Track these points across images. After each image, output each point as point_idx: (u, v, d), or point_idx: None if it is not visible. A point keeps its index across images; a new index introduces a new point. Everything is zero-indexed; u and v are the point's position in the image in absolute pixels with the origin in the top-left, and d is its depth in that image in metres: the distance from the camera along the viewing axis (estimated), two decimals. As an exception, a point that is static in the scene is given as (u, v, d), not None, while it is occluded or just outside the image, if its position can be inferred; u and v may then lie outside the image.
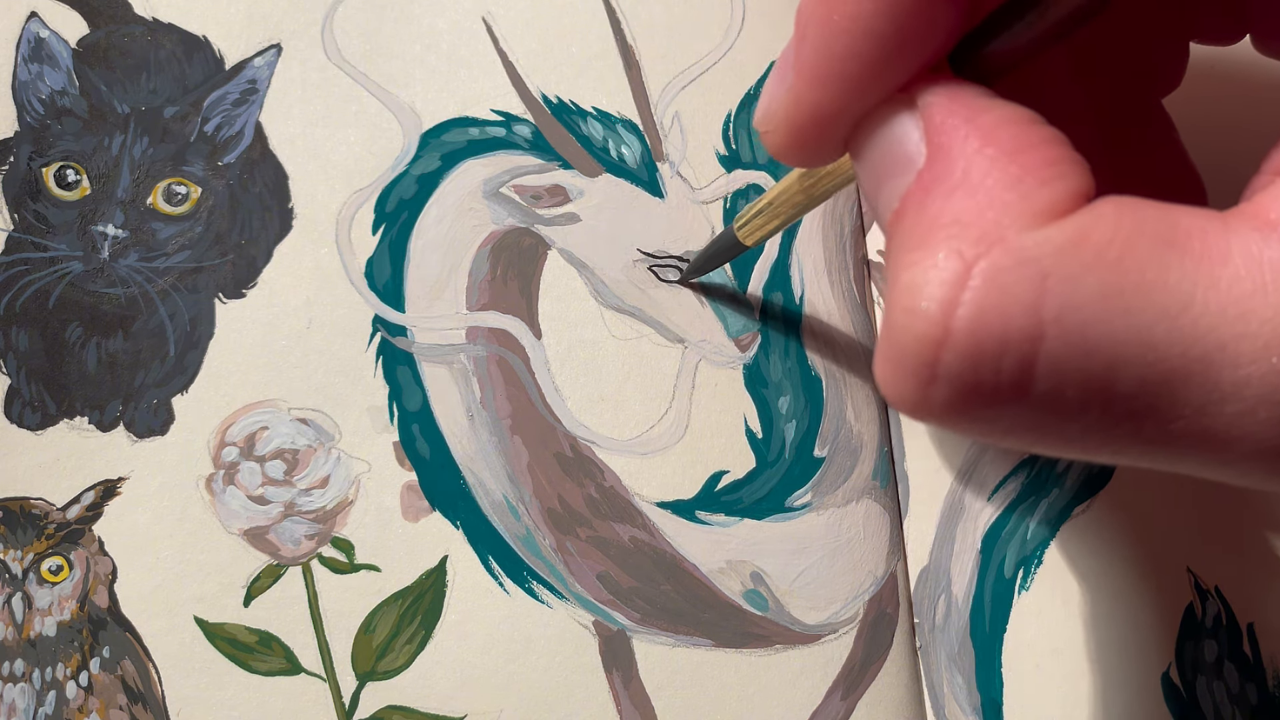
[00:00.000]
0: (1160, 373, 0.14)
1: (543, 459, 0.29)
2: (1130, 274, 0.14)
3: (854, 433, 0.30)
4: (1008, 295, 0.14)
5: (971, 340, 0.14)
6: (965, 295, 0.14)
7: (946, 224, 0.15)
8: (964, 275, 0.14)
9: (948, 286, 0.14)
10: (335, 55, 0.32)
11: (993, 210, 0.14)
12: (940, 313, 0.14)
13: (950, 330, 0.14)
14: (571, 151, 0.31)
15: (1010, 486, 0.30)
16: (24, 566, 0.29)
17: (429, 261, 0.31)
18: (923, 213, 0.15)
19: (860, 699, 0.28)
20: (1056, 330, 0.14)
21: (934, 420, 0.15)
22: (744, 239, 0.27)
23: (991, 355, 0.14)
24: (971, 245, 0.14)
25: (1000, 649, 0.29)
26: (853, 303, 0.31)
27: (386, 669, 0.28)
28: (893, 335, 0.15)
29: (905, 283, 0.15)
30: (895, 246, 0.15)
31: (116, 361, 0.30)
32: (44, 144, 0.31)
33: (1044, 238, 0.14)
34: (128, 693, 0.28)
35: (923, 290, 0.14)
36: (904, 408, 0.15)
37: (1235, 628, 0.28)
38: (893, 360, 0.15)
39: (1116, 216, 0.14)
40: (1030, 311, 0.14)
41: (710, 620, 0.29)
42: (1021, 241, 0.14)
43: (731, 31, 0.33)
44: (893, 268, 0.15)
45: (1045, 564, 0.29)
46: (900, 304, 0.15)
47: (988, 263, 0.14)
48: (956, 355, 0.14)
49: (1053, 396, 0.14)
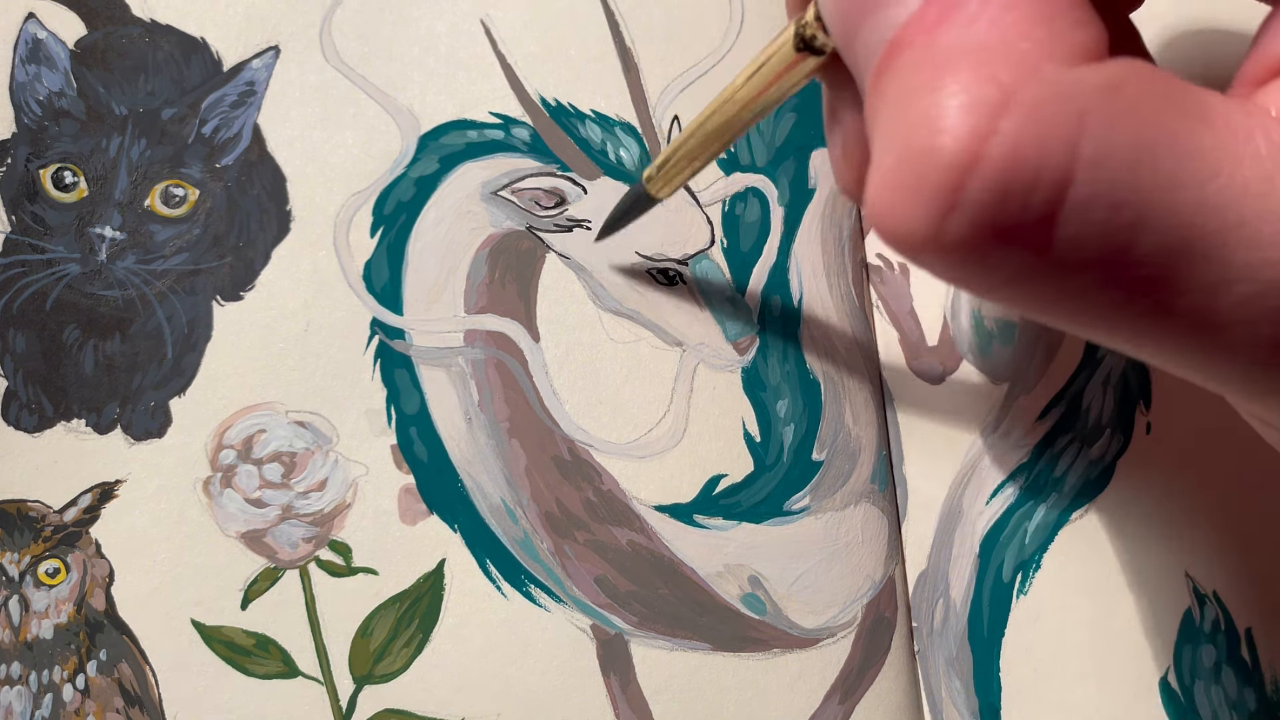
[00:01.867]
0: (1180, 241, 0.14)
1: (541, 462, 0.29)
2: (1164, 132, 0.14)
3: (852, 436, 0.30)
4: (1047, 128, 0.13)
5: (1004, 170, 0.13)
6: (1003, 123, 0.13)
7: (974, 51, 0.14)
8: (1003, 102, 0.13)
9: (983, 111, 0.13)
10: (333, 57, 0.32)
11: (1026, 43, 0.14)
12: (973, 138, 0.13)
13: (981, 157, 0.13)
14: (570, 154, 0.31)
15: (1008, 491, 0.30)
16: (21, 569, 0.29)
17: (427, 264, 0.31)
18: (938, 43, 0.14)
19: (858, 703, 0.28)
20: (1088, 175, 0.13)
21: (938, 257, 0.14)
22: (655, 192, 0.26)
23: (1021, 189, 0.13)
24: (1009, 72, 0.14)
25: (998, 653, 0.29)
26: (851, 306, 0.31)
27: (384, 672, 0.28)
28: (909, 158, 0.14)
29: (929, 105, 0.14)
30: (900, 77, 0.15)
31: (114, 364, 0.30)
32: (41, 145, 0.31)
33: (1082, 76, 0.14)
34: (125, 696, 0.28)
35: (954, 113, 0.14)
36: (907, 240, 0.14)
37: (1234, 632, 0.28)
38: (904, 187, 0.14)
39: (1150, 74, 0.14)
40: (1067, 149, 0.13)
41: (708, 624, 0.29)
42: (1061, 76, 0.14)
43: (730, 34, 0.33)
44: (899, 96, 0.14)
45: (1043, 568, 0.29)
46: (923, 126, 0.14)
47: (1029, 91, 0.13)
48: (984, 184, 0.13)
49: (1070, 245, 0.14)
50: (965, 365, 0.31)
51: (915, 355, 0.31)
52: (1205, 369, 0.15)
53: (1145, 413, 0.30)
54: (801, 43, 0.19)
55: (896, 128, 0.14)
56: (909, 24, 0.15)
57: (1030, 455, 0.30)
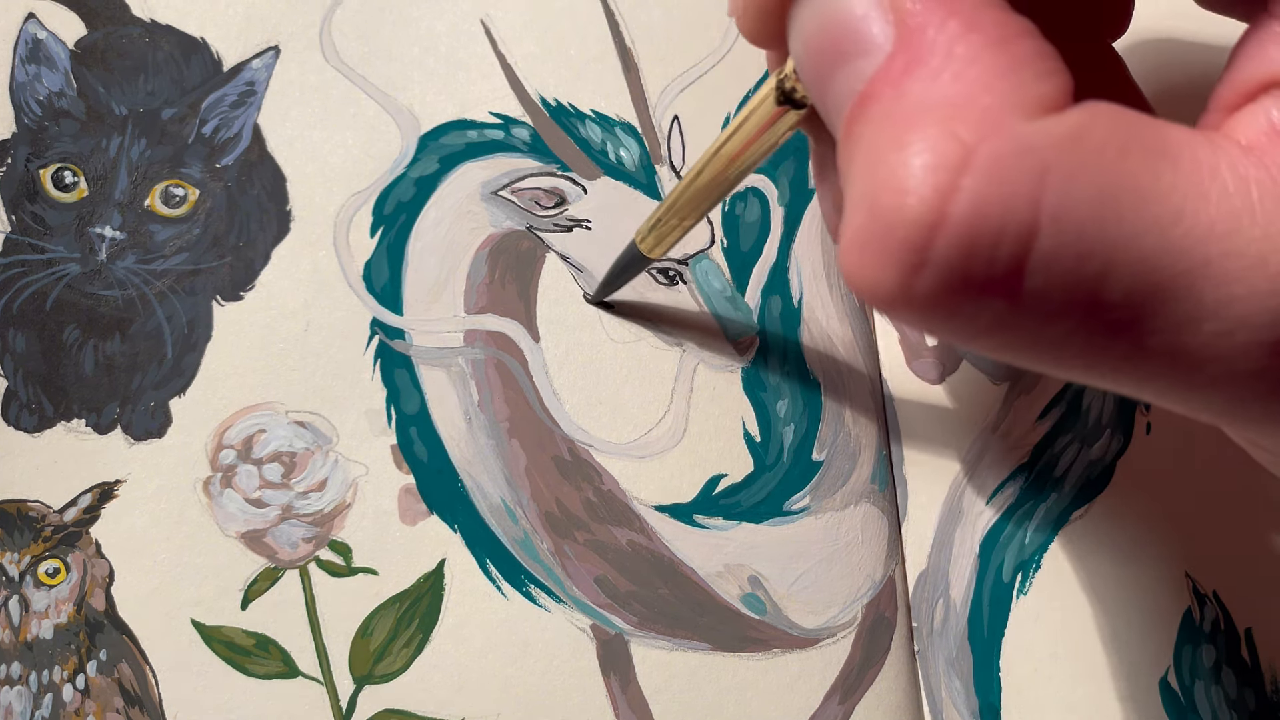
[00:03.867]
0: (1148, 285, 0.14)
1: (541, 462, 0.29)
2: (1126, 178, 0.14)
3: (852, 436, 0.30)
4: (1009, 184, 0.13)
5: (968, 228, 0.14)
6: (965, 180, 0.13)
7: (937, 107, 0.14)
8: (964, 160, 0.14)
9: (945, 171, 0.14)
10: (333, 57, 0.32)
11: (988, 96, 0.14)
12: (936, 197, 0.14)
13: (946, 216, 0.14)
14: (570, 154, 0.31)
15: (1008, 490, 0.30)
16: (21, 569, 0.29)
17: (427, 264, 0.31)
18: (903, 96, 0.14)
19: (858, 703, 0.28)
20: (1053, 228, 0.13)
21: (910, 312, 0.14)
22: (648, 251, 0.26)
23: (986, 245, 0.14)
24: (970, 129, 0.14)
25: (998, 653, 0.29)
26: (851, 306, 0.31)
27: (384, 672, 0.28)
28: (877, 218, 0.14)
29: (895, 164, 0.14)
30: (868, 131, 0.15)
31: (114, 364, 0.30)
32: (41, 145, 0.31)
33: (1043, 129, 0.14)
34: (125, 696, 0.28)
35: (918, 173, 0.14)
36: (879, 296, 0.15)
37: (1234, 632, 0.28)
38: (873, 245, 0.14)
39: (1112, 118, 0.14)
40: (1030, 204, 0.13)
41: (708, 624, 0.29)
42: (1022, 130, 0.14)
43: (730, 34, 0.33)
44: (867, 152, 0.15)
45: (1044, 568, 0.29)
46: (889, 185, 0.14)
47: (989, 148, 0.14)
48: (950, 242, 0.14)
49: (1039, 296, 0.14)
50: (965, 365, 0.31)
51: (915, 355, 0.31)
52: (1187, 403, 0.15)
53: (1145, 413, 0.30)
54: (783, 96, 0.19)
55: (865, 186, 0.15)
56: (876, 77, 0.15)
57: (1030, 455, 0.30)
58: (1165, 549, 0.29)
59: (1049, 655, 0.28)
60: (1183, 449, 0.29)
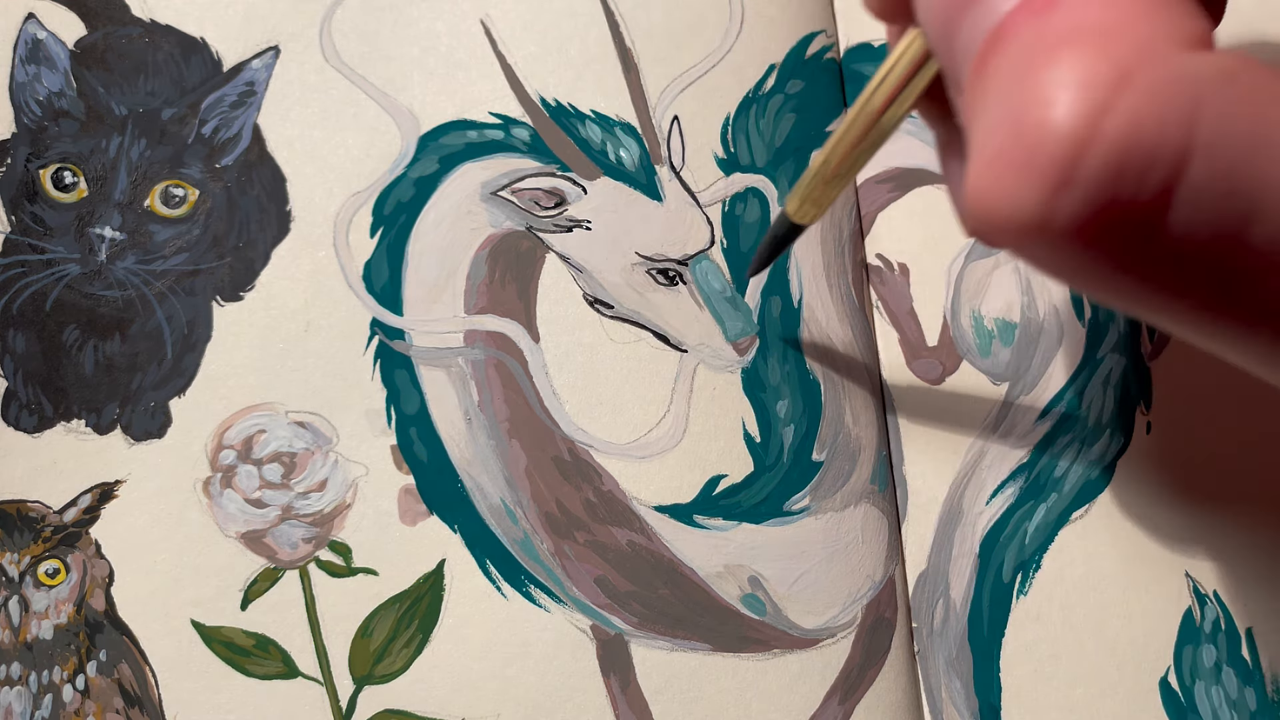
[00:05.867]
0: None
1: (541, 463, 0.29)
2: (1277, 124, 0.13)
3: (852, 437, 0.30)
4: (1165, 109, 0.13)
5: (1122, 147, 0.13)
6: (1122, 100, 0.13)
7: (1091, 30, 0.14)
8: (1121, 79, 0.13)
9: (1102, 88, 0.13)
10: (333, 57, 0.32)
11: (1144, 24, 0.14)
12: (1092, 112, 0.13)
13: (1100, 132, 0.13)
14: (570, 154, 0.31)
15: (1008, 491, 0.30)
16: (21, 569, 0.28)
17: (427, 265, 0.30)
18: (1049, 24, 0.14)
19: (858, 703, 0.28)
20: (1206, 159, 0.13)
21: (1047, 240, 0.14)
22: (800, 219, 0.25)
23: (1138, 167, 0.13)
24: (1128, 51, 0.13)
25: (998, 653, 0.29)
26: (851, 306, 0.31)
27: (384, 673, 0.28)
28: (1022, 135, 0.14)
29: (1045, 80, 0.14)
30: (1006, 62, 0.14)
31: (114, 364, 0.30)
32: (41, 146, 0.31)
33: (1200, 63, 0.14)
34: (124, 696, 0.28)
35: (1071, 88, 0.13)
36: (1015, 222, 0.14)
37: (1234, 633, 0.28)
38: (1015, 164, 0.14)
39: (1259, 67, 0.14)
40: (1184, 132, 0.13)
41: (708, 624, 0.29)
42: (1180, 60, 0.13)
43: (730, 34, 0.33)
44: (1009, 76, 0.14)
45: (1043, 569, 0.29)
46: (1038, 99, 0.14)
47: (1147, 72, 0.13)
48: (1101, 160, 0.13)
49: (1182, 231, 0.13)
50: (965, 365, 0.31)
51: (915, 355, 0.31)
52: None
53: (1145, 413, 0.30)
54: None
55: (1005, 109, 0.14)
56: (1016, 9, 0.15)
57: (1030, 455, 0.30)
58: (1165, 549, 0.29)
59: (1049, 655, 0.28)
60: (1183, 449, 0.29)
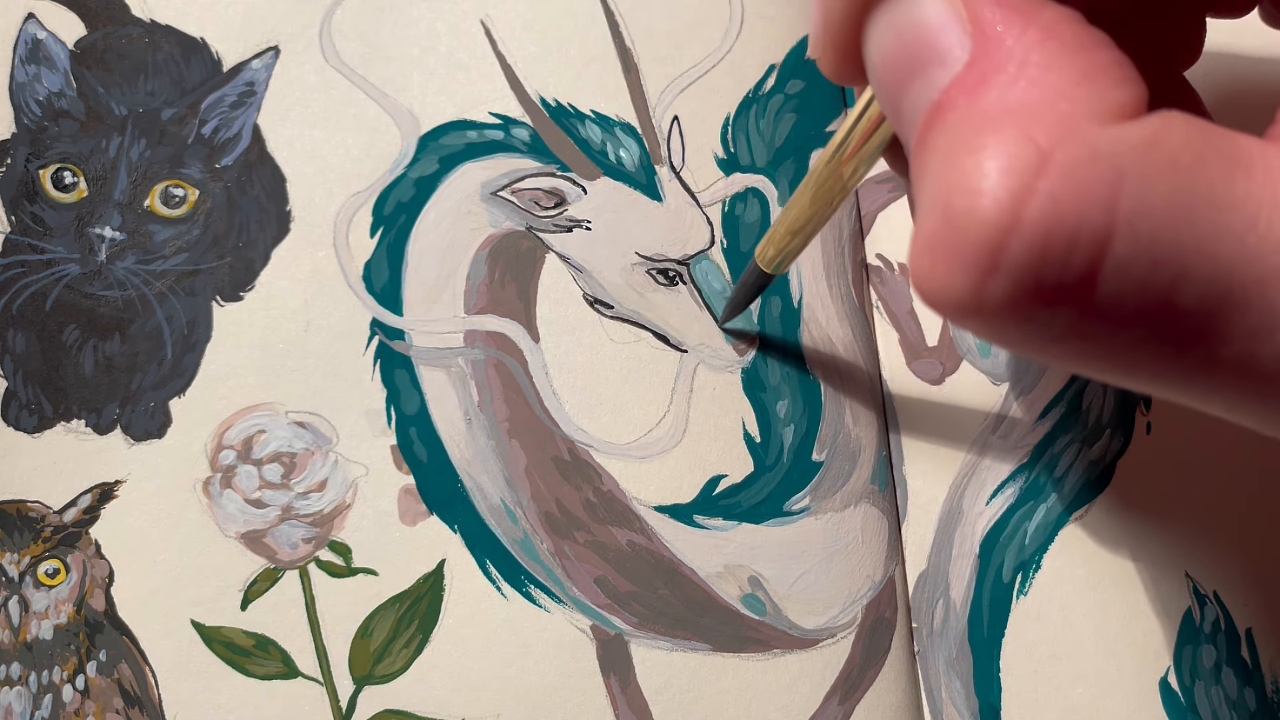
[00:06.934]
0: (1221, 292, 0.14)
1: (540, 463, 0.29)
2: (1201, 185, 0.14)
3: (852, 437, 0.30)
4: (1084, 189, 0.13)
5: (1043, 231, 0.13)
6: (1041, 184, 0.13)
7: (1013, 112, 0.14)
8: (1040, 163, 0.14)
9: (1021, 174, 0.14)
10: (333, 58, 0.32)
11: (1065, 103, 0.14)
12: (1012, 200, 0.13)
13: (1021, 219, 0.13)
14: (570, 154, 0.31)
15: (1008, 491, 0.30)
16: (20, 569, 0.28)
17: (427, 265, 0.30)
18: (979, 102, 0.15)
19: (858, 703, 0.28)
20: (1127, 233, 0.13)
21: (981, 319, 0.14)
22: (768, 268, 0.27)
23: (1061, 250, 0.13)
24: (1047, 134, 0.14)
25: (998, 654, 0.29)
26: (851, 306, 0.31)
27: (384, 673, 0.28)
28: (950, 221, 0.14)
29: (969, 167, 0.14)
30: (942, 139, 0.15)
31: (113, 364, 0.30)
32: (41, 146, 0.31)
33: (1119, 135, 0.14)
34: (124, 696, 0.28)
35: (992, 175, 0.14)
36: (950, 302, 0.14)
37: (1234, 633, 0.28)
38: (945, 249, 0.14)
39: (1186, 126, 0.14)
40: (1105, 209, 0.13)
41: (708, 624, 0.29)
42: (1098, 136, 0.14)
43: (730, 34, 0.33)
44: (941, 157, 0.15)
45: (1043, 569, 0.29)
46: (962, 188, 0.14)
47: (1066, 153, 0.14)
48: (1024, 246, 0.14)
49: (1112, 302, 0.14)
50: (965, 365, 0.31)
51: (915, 355, 0.31)
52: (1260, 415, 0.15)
53: (1145, 413, 0.30)
54: None
55: (938, 190, 0.14)
56: (952, 85, 0.15)
57: (1030, 455, 0.30)
58: (1165, 549, 0.29)
59: (1049, 655, 0.28)
60: (1183, 449, 0.29)
